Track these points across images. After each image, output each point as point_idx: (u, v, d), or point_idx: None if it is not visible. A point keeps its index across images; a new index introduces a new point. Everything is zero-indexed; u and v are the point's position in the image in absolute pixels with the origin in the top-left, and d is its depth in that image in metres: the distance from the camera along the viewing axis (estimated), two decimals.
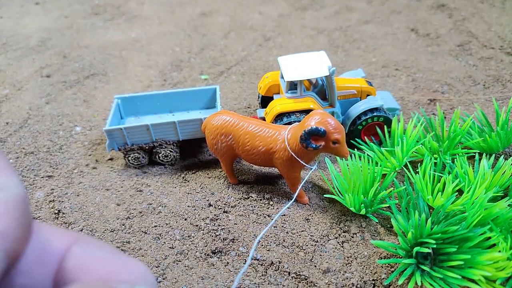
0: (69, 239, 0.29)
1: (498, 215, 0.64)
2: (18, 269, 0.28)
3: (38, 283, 0.29)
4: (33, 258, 0.28)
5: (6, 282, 0.27)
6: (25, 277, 0.28)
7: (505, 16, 1.44)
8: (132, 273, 0.29)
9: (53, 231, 0.28)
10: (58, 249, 0.28)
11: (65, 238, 0.29)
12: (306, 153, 0.70)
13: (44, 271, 0.28)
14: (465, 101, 1.06)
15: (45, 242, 0.28)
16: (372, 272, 0.64)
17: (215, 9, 1.72)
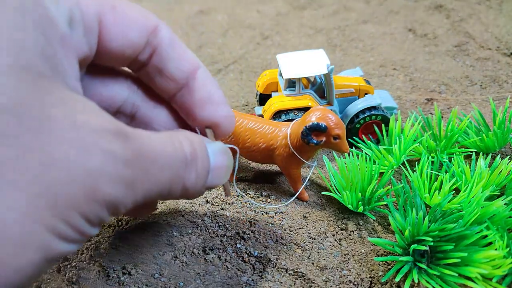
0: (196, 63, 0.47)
1: (495, 214, 0.65)
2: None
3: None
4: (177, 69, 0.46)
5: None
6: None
7: (502, 18, 1.44)
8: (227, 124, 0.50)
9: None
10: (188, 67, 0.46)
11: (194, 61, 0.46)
12: (306, 149, 0.70)
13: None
14: (462, 101, 1.06)
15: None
16: (369, 269, 0.65)
17: (213, 7, 1.72)
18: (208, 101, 0.47)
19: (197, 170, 0.43)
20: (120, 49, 0.41)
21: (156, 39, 0.43)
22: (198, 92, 0.46)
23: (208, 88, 0.47)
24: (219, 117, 0.48)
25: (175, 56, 0.45)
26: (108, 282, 0.62)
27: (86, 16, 0.39)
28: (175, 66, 0.45)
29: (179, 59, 0.45)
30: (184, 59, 0.46)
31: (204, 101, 0.47)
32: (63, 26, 0.37)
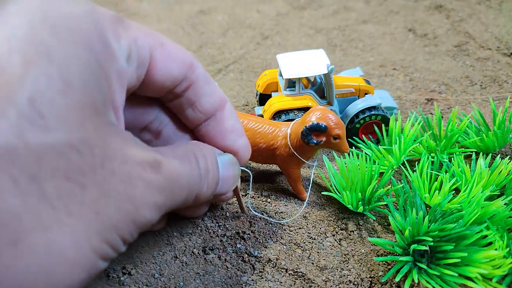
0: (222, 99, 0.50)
1: (495, 214, 0.65)
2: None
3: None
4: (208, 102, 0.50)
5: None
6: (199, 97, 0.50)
7: (502, 18, 1.44)
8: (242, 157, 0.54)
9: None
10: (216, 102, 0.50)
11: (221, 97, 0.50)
12: (306, 149, 0.70)
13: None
14: (462, 101, 1.06)
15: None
16: (369, 269, 0.65)
17: (214, 7, 1.72)
18: (230, 133, 0.52)
19: (208, 182, 0.48)
20: (163, 82, 0.45)
21: (193, 75, 0.47)
22: (222, 124, 0.52)
23: (232, 121, 0.52)
24: (239, 146, 0.53)
25: (208, 91, 0.49)
26: (108, 282, 0.62)
27: (141, 51, 0.42)
28: (208, 100, 0.50)
29: (211, 95, 0.50)
30: (215, 94, 0.50)
31: (227, 132, 0.52)
32: (122, 62, 0.40)
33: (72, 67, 0.34)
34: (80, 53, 0.35)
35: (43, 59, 0.33)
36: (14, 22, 0.34)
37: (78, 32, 0.36)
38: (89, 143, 0.34)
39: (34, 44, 0.33)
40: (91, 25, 0.37)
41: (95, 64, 0.36)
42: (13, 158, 0.30)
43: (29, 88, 0.31)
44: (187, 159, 0.45)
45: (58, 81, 0.33)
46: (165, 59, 0.44)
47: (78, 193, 0.33)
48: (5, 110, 0.30)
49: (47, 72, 0.33)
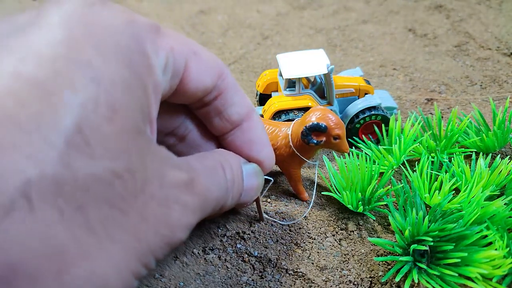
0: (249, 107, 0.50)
1: (495, 214, 0.65)
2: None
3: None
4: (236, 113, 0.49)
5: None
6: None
7: (502, 18, 1.44)
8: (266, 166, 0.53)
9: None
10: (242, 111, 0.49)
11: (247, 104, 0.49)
12: (306, 149, 0.70)
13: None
14: (462, 101, 1.06)
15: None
16: (369, 269, 0.65)
17: (213, 7, 1.72)
18: (256, 143, 0.52)
19: (233, 193, 0.48)
20: (194, 91, 0.45)
21: (223, 83, 0.47)
22: (248, 134, 0.51)
23: (258, 131, 0.52)
24: (263, 157, 0.53)
25: (236, 101, 0.49)
26: None
27: (176, 62, 0.41)
28: (235, 111, 0.49)
29: (239, 105, 0.49)
30: (243, 104, 0.50)
31: (252, 143, 0.52)
32: (159, 74, 0.39)
33: (117, 89, 0.34)
34: (123, 72, 0.35)
35: (90, 82, 0.32)
36: (56, 37, 0.33)
37: (120, 48, 0.35)
38: (132, 169, 0.34)
39: (81, 64, 0.32)
40: (132, 39, 0.37)
41: (136, 82, 0.36)
42: (61, 190, 0.30)
43: (76, 114, 0.31)
44: (215, 172, 0.45)
45: (105, 106, 0.32)
46: (198, 68, 0.44)
47: (120, 220, 0.33)
48: (52, 137, 0.29)
49: (94, 96, 0.32)
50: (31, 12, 0.36)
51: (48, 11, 0.35)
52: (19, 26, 0.34)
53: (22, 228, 0.28)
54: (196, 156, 0.47)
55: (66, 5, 0.36)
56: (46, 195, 0.29)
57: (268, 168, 0.55)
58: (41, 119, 0.29)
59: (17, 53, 0.31)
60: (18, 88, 0.29)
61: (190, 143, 0.54)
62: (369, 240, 0.67)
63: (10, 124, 0.28)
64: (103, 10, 0.37)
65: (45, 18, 0.34)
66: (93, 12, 0.36)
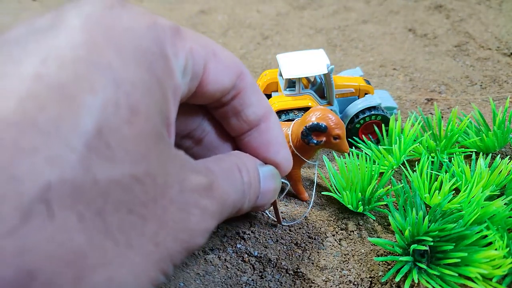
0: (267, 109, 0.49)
1: (495, 214, 0.65)
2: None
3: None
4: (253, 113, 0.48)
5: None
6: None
7: (502, 18, 1.45)
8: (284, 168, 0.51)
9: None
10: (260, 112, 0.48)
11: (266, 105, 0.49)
12: (307, 149, 0.70)
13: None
14: (462, 101, 1.06)
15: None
16: (369, 269, 0.65)
17: (214, 7, 1.72)
18: (273, 144, 0.51)
19: (249, 196, 0.47)
20: (213, 92, 0.44)
21: (242, 83, 0.46)
22: (265, 135, 0.50)
23: (275, 132, 0.51)
24: (280, 159, 0.52)
25: (254, 101, 0.48)
26: None
27: (196, 64, 0.41)
28: (253, 111, 0.48)
29: (257, 105, 0.48)
30: (261, 104, 0.49)
31: (269, 144, 0.51)
32: (178, 77, 0.38)
33: (137, 92, 0.33)
34: (144, 75, 0.34)
35: (110, 84, 0.32)
36: (76, 40, 0.32)
37: (141, 51, 0.35)
38: (152, 173, 0.33)
39: (101, 67, 0.32)
40: (152, 41, 0.36)
41: (156, 85, 0.35)
42: (81, 194, 0.29)
43: (96, 117, 0.30)
44: (232, 175, 0.45)
45: (125, 109, 0.32)
46: (217, 69, 0.43)
47: (139, 225, 0.33)
48: (72, 140, 0.29)
49: (114, 99, 0.31)
50: (51, 15, 0.35)
51: (67, 14, 0.35)
52: (39, 28, 0.34)
53: (40, 234, 0.27)
54: (213, 159, 0.46)
55: (86, 8, 0.35)
56: (65, 200, 0.28)
57: (285, 170, 0.54)
58: (61, 122, 0.29)
59: (37, 55, 0.31)
60: (39, 90, 0.29)
61: (207, 146, 0.53)
62: (369, 240, 0.67)
63: (30, 127, 0.28)
64: (122, 13, 0.36)
65: (65, 21, 0.34)
66: (113, 15, 0.35)
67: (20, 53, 0.31)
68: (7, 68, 0.30)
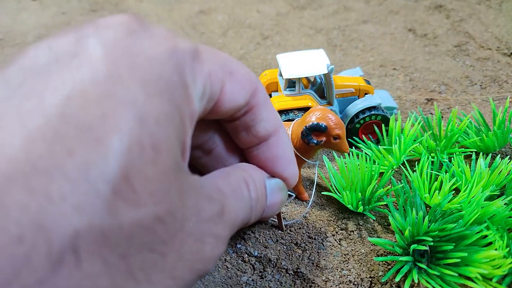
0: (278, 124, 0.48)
1: (495, 214, 0.65)
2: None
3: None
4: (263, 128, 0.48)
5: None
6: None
7: (502, 18, 1.45)
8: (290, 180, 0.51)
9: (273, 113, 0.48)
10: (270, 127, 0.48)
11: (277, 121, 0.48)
12: (307, 149, 0.70)
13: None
14: (462, 101, 1.06)
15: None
16: (369, 269, 0.65)
17: (213, 7, 1.72)
18: (281, 159, 0.51)
19: (256, 211, 0.48)
20: (227, 110, 0.44)
21: (255, 99, 0.46)
22: (274, 149, 0.50)
23: (284, 148, 0.51)
24: (288, 174, 0.52)
25: (265, 117, 0.48)
26: None
27: (213, 87, 0.41)
28: (263, 126, 0.48)
29: (268, 121, 0.48)
30: (272, 120, 0.49)
31: (277, 159, 0.51)
32: (196, 103, 0.38)
33: (160, 128, 0.33)
34: (166, 108, 0.34)
35: (135, 122, 0.31)
36: (100, 73, 0.31)
37: (163, 81, 0.34)
38: (172, 210, 0.33)
39: (126, 102, 0.31)
40: (174, 70, 0.35)
41: (177, 116, 0.35)
42: (107, 240, 0.29)
43: (122, 161, 0.30)
44: (241, 192, 0.45)
45: (149, 148, 0.31)
46: (233, 89, 0.43)
47: (159, 262, 0.33)
48: (99, 186, 0.28)
49: (139, 139, 0.31)
50: (72, 38, 0.34)
51: (89, 41, 0.33)
52: (61, 56, 0.32)
53: (69, 282, 0.28)
54: (221, 174, 0.46)
55: (107, 33, 0.34)
56: (92, 246, 0.28)
57: (291, 185, 0.54)
58: (89, 168, 0.28)
59: (61, 90, 0.30)
60: (65, 132, 0.29)
61: (216, 156, 0.53)
62: (369, 240, 0.67)
63: (58, 173, 0.28)
64: (145, 39, 0.35)
65: (87, 49, 0.33)
66: (136, 42, 0.35)
67: (43, 86, 0.30)
68: (30, 103, 0.29)
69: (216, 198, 0.41)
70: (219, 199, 0.41)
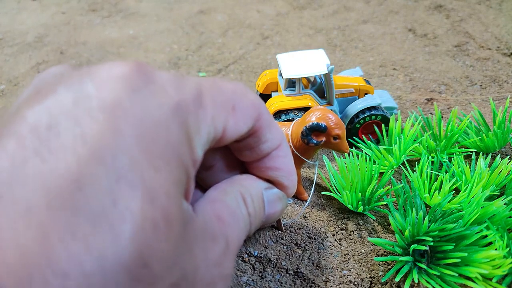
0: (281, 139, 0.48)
1: (495, 214, 0.65)
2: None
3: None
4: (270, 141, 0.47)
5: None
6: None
7: (502, 17, 1.45)
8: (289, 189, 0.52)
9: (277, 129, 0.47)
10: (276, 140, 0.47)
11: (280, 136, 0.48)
12: (306, 149, 0.70)
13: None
14: (462, 101, 1.06)
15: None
16: (369, 269, 0.65)
17: (213, 7, 1.72)
18: (282, 170, 0.51)
19: (255, 224, 0.48)
20: (229, 141, 0.43)
21: (258, 124, 0.45)
22: (275, 161, 0.50)
23: (285, 160, 0.51)
24: (288, 183, 0.53)
25: (269, 137, 0.47)
26: None
27: (216, 130, 0.40)
28: (267, 145, 0.48)
29: (271, 140, 0.48)
30: (275, 138, 0.48)
31: (278, 170, 0.51)
32: (199, 151, 0.38)
33: (171, 199, 0.32)
34: (174, 174, 0.33)
35: (146, 201, 0.30)
36: (100, 142, 0.30)
37: (170, 146, 0.33)
38: (186, 273, 0.34)
39: (134, 182, 0.30)
40: (179, 129, 0.34)
41: (183, 175, 0.35)
42: None
43: (137, 243, 0.29)
44: (239, 212, 0.44)
45: (162, 223, 0.31)
46: (236, 123, 0.42)
47: None
48: (115, 275, 0.28)
49: (152, 216, 0.30)
50: (67, 97, 0.31)
51: (88, 102, 0.31)
52: (60, 125, 0.30)
53: None
54: (219, 194, 0.45)
55: (108, 93, 0.32)
56: None
57: (290, 194, 0.54)
58: (104, 259, 0.28)
59: (63, 172, 0.29)
60: (79, 223, 0.28)
61: (216, 171, 0.53)
62: (369, 240, 0.67)
63: (75, 270, 0.27)
64: (148, 96, 0.33)
65: (86, 114, 0.30)
66: (138, 103, 0.33)
67: (46, 169, 0.29)
68: (34, 187, 0.28)
69: (219, 233, 0.40)
70: (222, 233, 0.40)
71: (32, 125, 0.30)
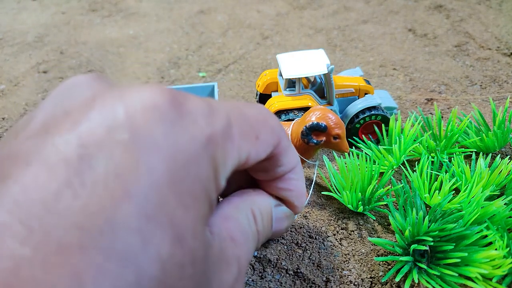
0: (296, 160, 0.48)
1: (495, 214, 0.65)
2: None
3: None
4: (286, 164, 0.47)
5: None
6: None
7: (502, 18, 1.45)
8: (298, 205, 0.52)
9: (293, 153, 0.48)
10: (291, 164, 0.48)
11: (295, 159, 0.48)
12: (306, 148, 0.70)
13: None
14: (462, 101, 1.06)
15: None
16: (369, 269, 0.65)
17: (213, 7, 1.72)
18: (293, 192, 0.52)
19: (261, 241, 0.48)
20: (248, 166, 0.44)
21: (276, 150, 0.46)
22: (288, 183, 0.51)
23: (298, 182, 0.52)
24: (297, 203, 0.53)
25: (285, 162, 0.48)
26: None
27: (240, 160, 0.40)
28: (282, 169, 0.49)
29: (287, 164, 0.48)
30: (290, 162, 0.49)
31: (290, 191, 0.52)
32: (223, 182, 0.38)
33: (197, 238, 0.32)
34: (202, 211, 0.33)
35: (174, 244, 0.30)
36: (135, 174, 0.29)
37: (198, 182, 0.33)
38: None
39: (164, 223, 0.30)
40: (208, 165, 0.35)
41: (208, 208, 0.35)
42: None
43: (164, 286, 0.29)
44: (250, 230, 0.45)
45: (188, 264, 0.31)
46: (257, 151, 0.42)
47: None
48: None
49: (179, 261, 0.31)
50: (99, 126, 0.30)
51: (119, 135, 0.30)
52: (93, 157, 0.29)
53: None
54: (231, 211, 0.45)
55: (138, 122, 0.31)
56: None
57: (298, 213, 0.55)
58: None
59: (93, 216, 0.28)
60: (109, 268, 0.28)
61: (229, 184, 0.54)
62: (369, 240, 0.67)
63: None
64: (181, 131, 0.33)
65: (117, 145, 0.30)
66: (173, 137, 0.32)
67: (79, 189, 0.28)
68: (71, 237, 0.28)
69: (232, 256, 0.40)
70: (234, 255, 0.41)
71: (64, 154, 0.29)
